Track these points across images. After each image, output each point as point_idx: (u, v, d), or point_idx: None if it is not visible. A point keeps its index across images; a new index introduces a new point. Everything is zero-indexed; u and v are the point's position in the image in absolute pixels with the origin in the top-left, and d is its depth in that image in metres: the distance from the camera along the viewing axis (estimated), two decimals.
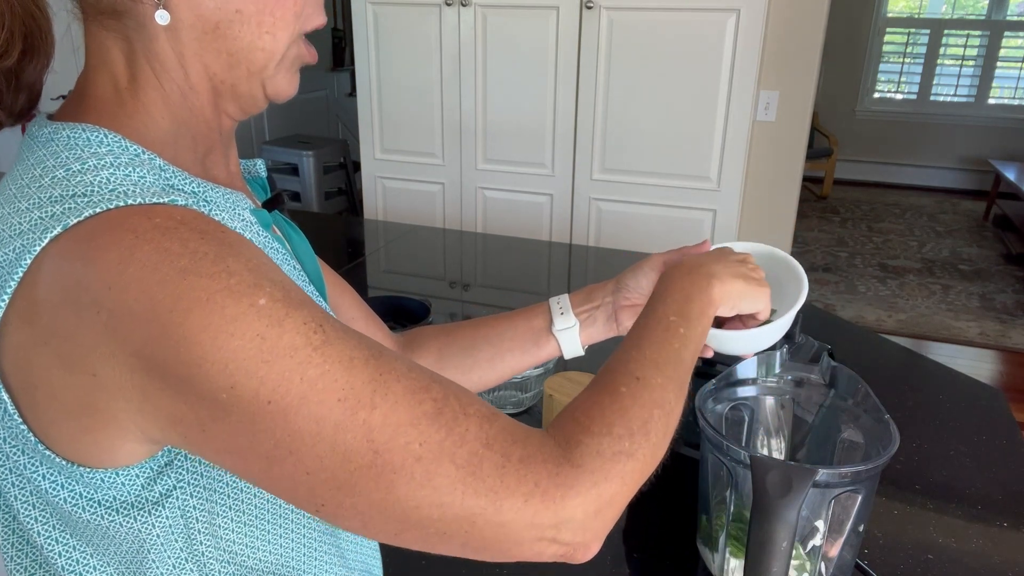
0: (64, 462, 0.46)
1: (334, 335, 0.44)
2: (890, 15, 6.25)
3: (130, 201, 0.44)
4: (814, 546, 0.78)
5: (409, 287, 1.81)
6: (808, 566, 0.79)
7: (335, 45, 5.55)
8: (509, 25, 2.71)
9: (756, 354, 0.79)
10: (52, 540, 0.49)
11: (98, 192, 0.44)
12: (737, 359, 0.85)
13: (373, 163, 3.09)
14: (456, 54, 2.80)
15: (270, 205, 0.63)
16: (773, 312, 0.74)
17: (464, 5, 2.72)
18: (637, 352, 0.57)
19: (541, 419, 1.19)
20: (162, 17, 0.50)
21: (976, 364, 3.38)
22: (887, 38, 6.28)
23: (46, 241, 0.42)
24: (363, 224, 2.83)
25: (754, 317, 0.73)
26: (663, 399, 0.53)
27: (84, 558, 0.50)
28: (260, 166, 0.68)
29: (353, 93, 4.55)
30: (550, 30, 2.67)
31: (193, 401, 0.42)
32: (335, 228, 2.56)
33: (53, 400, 0.44)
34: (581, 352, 0.79)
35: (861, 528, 0.80)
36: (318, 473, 0.42)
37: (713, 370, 0.98)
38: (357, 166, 3.92)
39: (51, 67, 0.54)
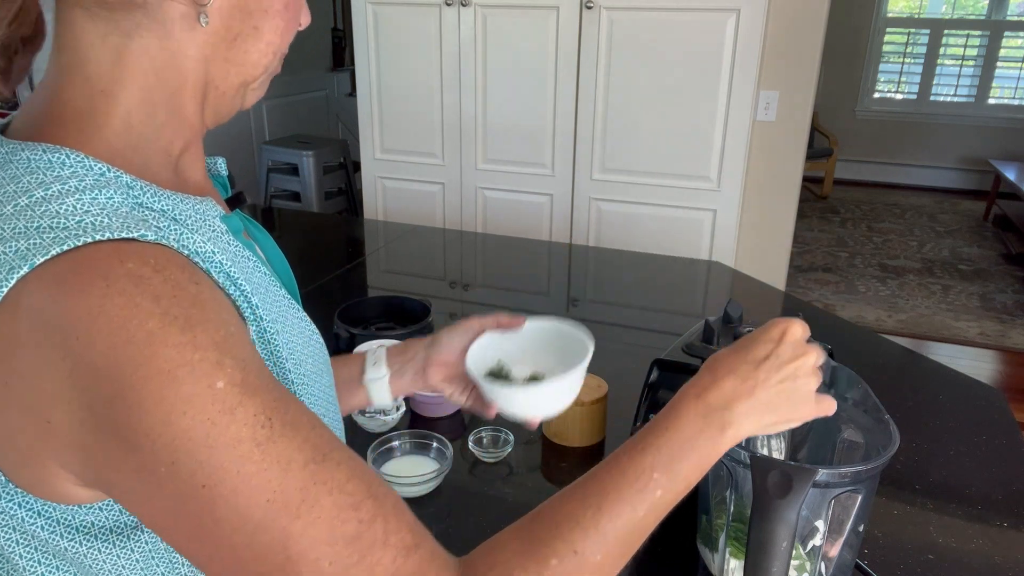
0: (33, 498, 0.46)
1: (280, 431, 0.44)
2: (890, 15, 6.25)
3: (98, 236, 0.42)
4: (814, 546, 0.78)
5: (409, 287, 1.81)
6: (808, 566, 0.79)
7: (335, 45, 5.54)
8: (509, 25, 2.71)
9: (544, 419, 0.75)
10: (35, 562, 0.49)
11: (64, 224, 0.43)
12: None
13: (373, 163, 3.09)
14: (456, 54, 2.80)
15: (231, 204, 0.63)
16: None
17: (464, 5, 2.72)
18: (594, 511, 0.54)
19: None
20: (204, 19, 0.50)
21: (976, 364, 3.38)
22: (887, 38, 6.28)
23: (13, 281, 0.41)
24: (363, 224, 2.83)
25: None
26: None
27: None
28: (221, 165, 0.67)
29: (353, 93, 4.55)
30: (550, 30, 2.67)
31: (129, 471, 0.42)
32: (335, 228, 2.56)
33: (9, 445, 0.44)
34: (389, 404, 0.79)
35: (861, 528, 0.80)
36: (230, 560, 0.44)
37: None
38: (357, 166, 3.92)
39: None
